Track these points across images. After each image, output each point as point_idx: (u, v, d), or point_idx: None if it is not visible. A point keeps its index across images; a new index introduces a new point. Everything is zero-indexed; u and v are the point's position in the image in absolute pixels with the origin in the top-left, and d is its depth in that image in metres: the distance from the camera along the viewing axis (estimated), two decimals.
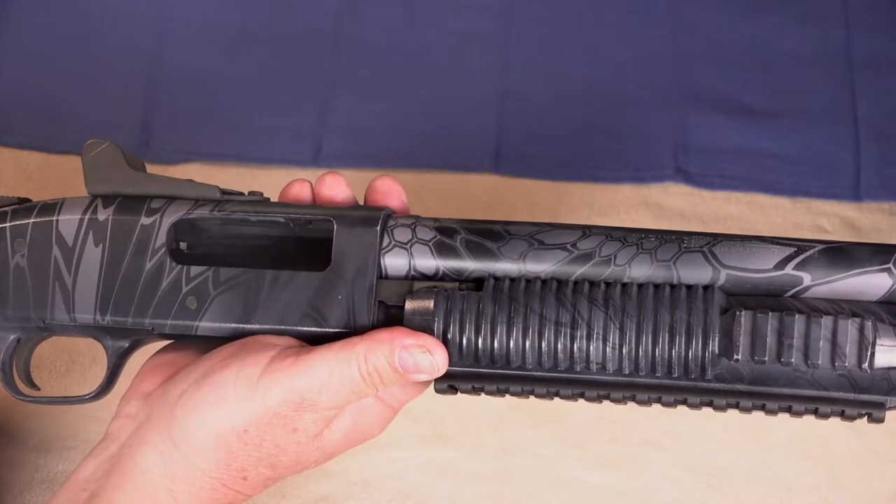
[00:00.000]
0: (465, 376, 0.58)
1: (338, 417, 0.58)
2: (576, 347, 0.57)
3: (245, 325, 0.59)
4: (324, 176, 0.63)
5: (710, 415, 0.74)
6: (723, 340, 0.56)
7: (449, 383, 0.59)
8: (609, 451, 0.75)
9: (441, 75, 0.91)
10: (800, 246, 0.57)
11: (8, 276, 0.61)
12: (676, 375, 0.56)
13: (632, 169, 0.87)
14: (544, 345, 0.57)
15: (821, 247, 0.57)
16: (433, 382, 0.59)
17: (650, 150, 0.88)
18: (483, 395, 0.59)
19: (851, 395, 0.55)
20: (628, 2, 0.93)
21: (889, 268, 0.57)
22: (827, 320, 0.55)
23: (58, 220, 0.61)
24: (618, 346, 0.56)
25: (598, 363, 0.57)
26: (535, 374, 0.57)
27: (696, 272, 0.57)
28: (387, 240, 0.59)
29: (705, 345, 0.56)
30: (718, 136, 0.88)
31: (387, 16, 0.93)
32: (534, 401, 0.71)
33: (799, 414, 0.57)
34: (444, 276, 0.59)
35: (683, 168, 0.87)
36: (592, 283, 0.57)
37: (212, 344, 0.60)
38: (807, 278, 0.57)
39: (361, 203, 0.63)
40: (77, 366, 0.79)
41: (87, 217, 0.61)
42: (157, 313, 0.60)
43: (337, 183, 0.62)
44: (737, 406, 0.57)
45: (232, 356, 0.57)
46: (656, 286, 0.57)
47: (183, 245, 0.63)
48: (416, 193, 0.84)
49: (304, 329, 0.59)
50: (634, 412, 0.75)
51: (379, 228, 0.59)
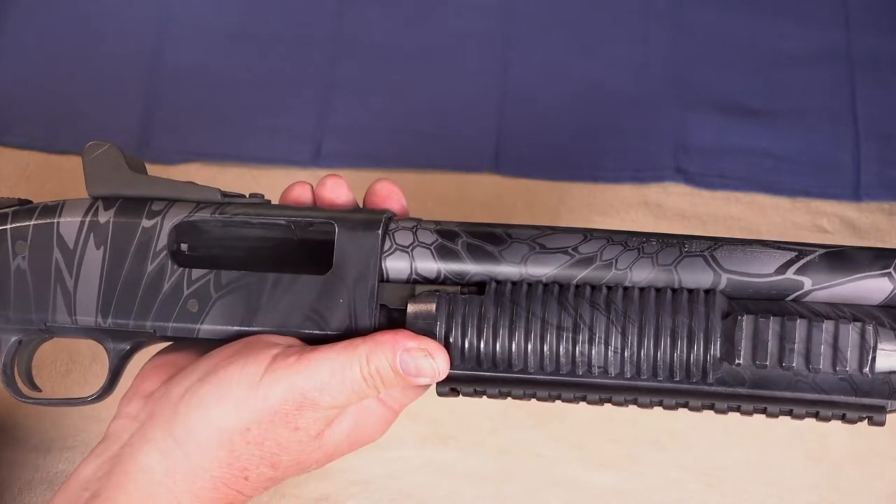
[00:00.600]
0: (466, 380, 0.58)
1: (339, 418, 0.58)
2: (577, 351, 0.57)
3: (247, 328, 0.59)
4: (325, 178, 0.62)
5: (710, 415, 0.74)
6: (724, 344, 0.56)
7: (451, 386, 0.59)
8: (609, 451, 0.75)
9: (441, 75, 0.91)
10: (801, 250, 0.57)
11: (9, 278, 0.61)
12: (678, 379, 0.56)
13: (632, 169, 0.87)
14: (546, 348, 0.57)
15: (822, 251, 0.57)
16: (435, 385, 0.59)
17: (650, 150, 0.88)
18: (485, 397, 0.59)
19: (852, 399, 0.56)
20: (628, 2, 0.93)
21: (890, 272, 0.57)
22: (828, 325, 0.55)
23: (59, 223, 0.61)
24: (619, 350, 0.56)
25: (599, 367, 0.57)
26: (537, 377, 0.57)
27: (697, 276, 0.57)
28: (388, 243, 0.59)
29: (707, 349, 0.56)
30: (718, 136, 0.88)
31: (387, 16, 0.93)
32: (534, 402, 0.71)
33: (800, 417, 0.57)
34: (445, 279, 0.59)
35: (683, 168, 0.87)
36: (594, 287, 0.57)
37: (213, 345, 0.60)
38: (808, 283, 0.57)
39: (361, 206, 0.63)
40: (77, 366, 0.79)
41: (88, 219, 0.61)
42: (158, 316, 0.60)
43: (338, 185, 0.62)
44: (738, 409, 0.57)
45: (235, 354, 0.58)
46: (658, 290, 0.57)
47: (184, 247, 0.63)
48: (416, 194, 0.84)
49: (306, 332, 0.59)
50: (635, 412, 0.75)
51: (380, 232, 0.59)
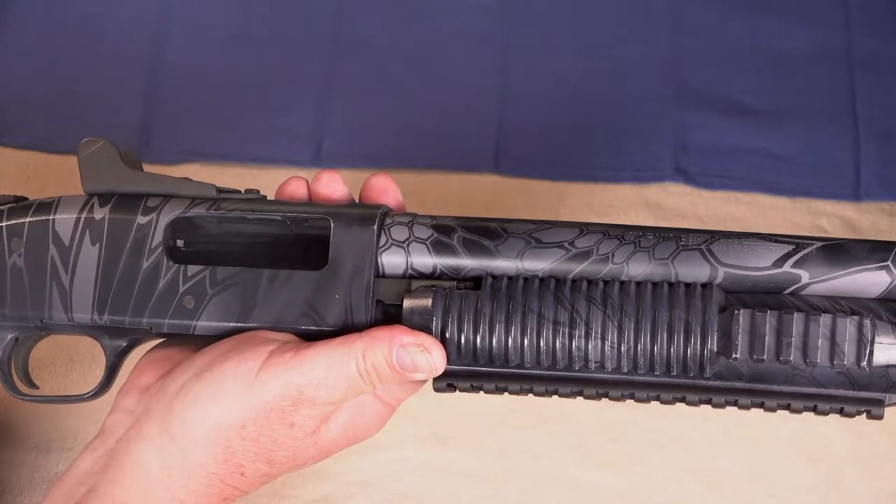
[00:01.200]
0: (463, 375, 0.58)
1: (335, 414, 0.58)
2: (574, 346, 0.56)
3: (243, 325, 0.59)
4: (320, 174, 0.62)
5: (710, 415, 0.74)
6: (721, 339, 0.56)
7: (447, 382, 0.59)
8: (609, 451, 0.75)
9: (441, 75, 0.91)
10: (798, 243, 0.57)
11: (5, 275, 0.61)
12: (675, 373, 0.56)
13: (632, 169, 0.87)
14: (542, 344, 0.57)
15: (819, 244, 0.57)
16: (432, 380, 0.59)
17: (650, 150, 0.88)
18: (482, 392, 0.59)
19: (850, 393, 0.55)
20: (628, 2, 0.93)
21: (888, 265, 0.56)
22: (826, 318, 0.55)
23: (54, 219, 0.61)
24: (616, 345, 0.56)
25: (596, 362, 0.57)
26: (534, 372, 0.57)
27: (694, 270, 0.57)
28: (384, 238, 0.59)
29: (704, 343, 0.56)
30: (718, 136, 0.88)
31: (386, 16, 0.93)
32: (534, 401, 0.71)
33: (798, 411, 0.57)
34: (441, 274, 0.59)
35: (683, 168, 0.87)
36: (591, 282, 0.57)
37: (210, 340, 0.60)
38: (805, 276, 0.57)
39: (358, 201, 0.63)
40: (77, 366, 0.79)
41: (83, 216, 0.61)
42: (154, 312, 0.60)
43: (333, 181, 0.62)
44: (735, 404, 0.57)
45: (231, 350, 0.58)
46: (654, 284, 0.57)
47: (180, 242, 0.63)
48: (416, 193, 0.85)
49: (302, 328, 0.59)
50: (635, 412, 0.75)
51: (376, 227, 0.59)
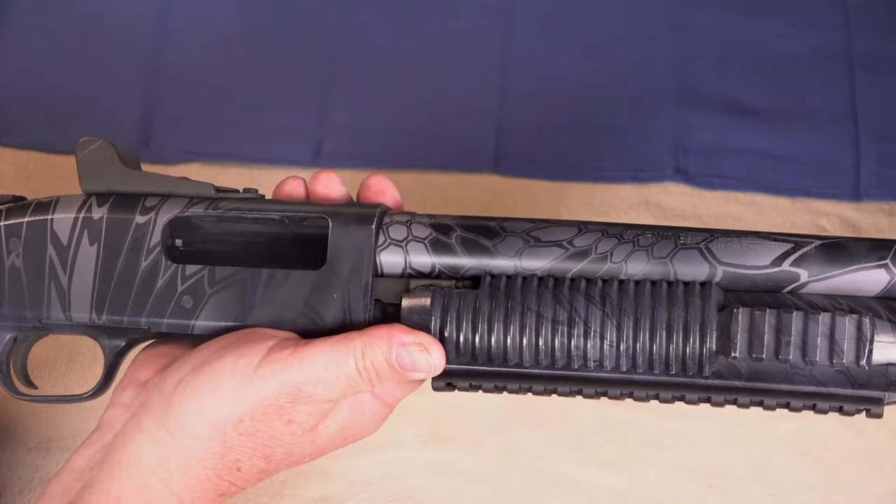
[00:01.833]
0: (462, 374, 0.58)
1: (333, 412, 0.58)
2: (573, 345, 0.56)
3: (241, 324, 0.59)
4: (318, 174, 0.62)
5: (710, 415, 0.74)
6: (720, 337, 0.56)
7: (446, 381, 0.59)
8: (609, 451, 0.75)
9: (441, 75, 0.91)
10: (797, 242, 0.57)
11: (3, 275, 0.61)
12: (674, 372, 0.56)
13: (632, 169, 0.87)
14: (541, 343, 0.57)
15: (818, 243, 0.57)
16: (431, 379, 0.59)
17: (650, 150, 0.88)
18: (481, 392, 0.59)
19: (849, 391, 0.56)
20: (628, 2, 0.93)
21: (887, 263, 0.56)
22: (825, 317, 0.55)
23: (52, 219, 0.61)
24: (615, 344, 0.56)
25: (595, 361, 0.57)
26: (533, 371, 0.57)
27: (692, 269, 0.57)
28: (382, 237, 0.59)
29: (703, 342, 0.56)
30: (718, 136, 0.88)
31: (386, 16, 0.93)
32: (534, 401, 0.71)
33: (797, 410, 0.57)
34: (440, 273, 0.59)
35: (683, 168, 0.87)
36: (589, 281, 0.57)
37: (208, 339, 0.60)
38: (804, 275, 0.57)
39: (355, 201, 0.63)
40: (77, 366, 0.79)
41: (81, 216, 0.61)
42: (153, 312, 0.60)
43: (331, 181, 0.62)
44: (735, 402, 0.57)
45: (230, 345, 0.58)
46: (653, 283, 0.57)
47: (178, 242, 0.63)
48: (416, 193, 0.85)
49: (301, 328, 0.59)
50: (634, 412, 0.75)
51: (374, 226, 0.59)
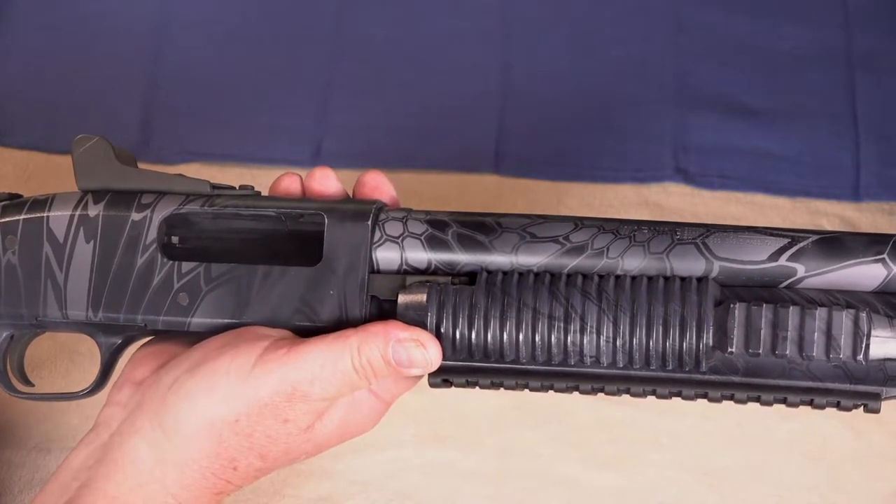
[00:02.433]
0: (458, 370, 0.58)
1: (330, 410, 0.58)
2: (569, 341, 0.56)
3: (237, 321, 0.59)
4: (314, 170, 0.62)
5: (710, 415, 0.74)
6: (717, 333, 0.56)
7: (443, 377, 0.59)
8: (609, 451, 0.75)
9: (441, 75, 0.91)
10: (794, 237, 0.57)
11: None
12: (671, 368, 0.56)
13: (632, 169, 0.87)
14: (538, 338, 0.56)
15: (815, 237, 0.57)
16: (427, 376, 0.59)
17: (650, 150, 0.88)
18: (477, 388, 0.59)
19: (847, 386, 0.55)
20: (628, 2, 0.93)
21: (884, 258, 0.56)
22: (821, 312, 0.55)
23: (48, 217, 0.61)
24: (611, 340, 0.56)
25: (591, 356, 0.56)
26: (529, 367, 0.57)
27: (689, 264, 0.57)
28: (378, 234, 0.59)
29: (699, 337, 0.55)
30: (718, 136, 0.88)
31: (386, 15, 0.93)
32: (534, 401, 0.71)
33: (794, 405, 0.57)
34: (436, 269, 0.59)
35: (683, 168, 0.87)
36: (585, 276, 0.57)
37: (204, 337, 0.60)
38: (801, 269, 0.57)
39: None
40: (77, 366, 0.78)
41: (77, 213, 0.61)
42: (149, 309, 0.60)
43: (326, 177, 0.62)
44: (732, 398, 0.57)
45: (226, 345, 0.57)
46: (650, 278, 0.57)
47: (174, 239, 0.63)
48: (416, 193, 0.84)
49: (297, 324, 0.59)
50: (634, 412, 0.75)
51: (370, 223, 0.59)
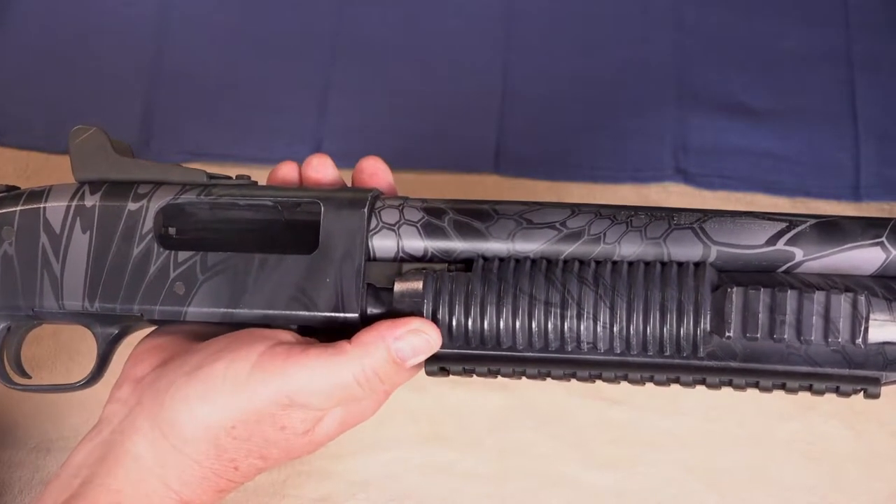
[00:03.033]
0: (455, 358, 0.58)
1: (329, 413, 0.58)
2: (566, 327, 0.56)
3: (233, 310, 0.59)
4: (310, 158, 0.62)
5: (709, 415, 0.74)
6: (714, 318, 0.55)
7: (440, 365, 0.58)
8: (609, 451, 0.75)
9: (441, 75, 0.91)
10: (791, 221, 0.57)
11: None
12: (668, 354, 0.56)
13: (632, 169, 0.87)
14: (534, 325, 0.56)
15: (812, 221, 0.57)
16: (424, 364, 0.58)
17: (650, 150, 0.88)
18: (474, 376, 0.59)
19: (846, 371, 0.55)
20: (628, 2, 0.93)
21: (882, 241, 0.56)
22: (819, 296, 0.54)
23: (45, 208, 0.61)
24: (608, 326, 0.56)
25: (588, 343, 0.56)
26: (526, 354, 0.57)
27: (686, 249, 0.57)
28: (374, 221, 0.59)
29: (697, 322, 0.55)
30: (718, 136, 0.88)
31: (386, 16, 0.93)
32: (533, 401, 0.71)
33: (793, 391, 0.56)
34: (432, 257, 0.59)
35: (683, 168, 0.87)
36: (582, 262, 0.57)
37: (201, 326, 0.60)
38: (799, 253, 0.56)
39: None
40: (77, 365, 0.78)
41: (74, 204, 0.61)
42: (145, 299, 0.60)
43: (323, 164, 0.62)
44: (730, 384, 0.56)
45: (224, 349, 0.57)
46: (647, 264, 0.56)
47: (172, 230, 0.63)
48: (416, 193, 0.84)
49: (293, 313, 0.59)
50: (634, 412, 0.75)
51: (366, 210, 0.59)
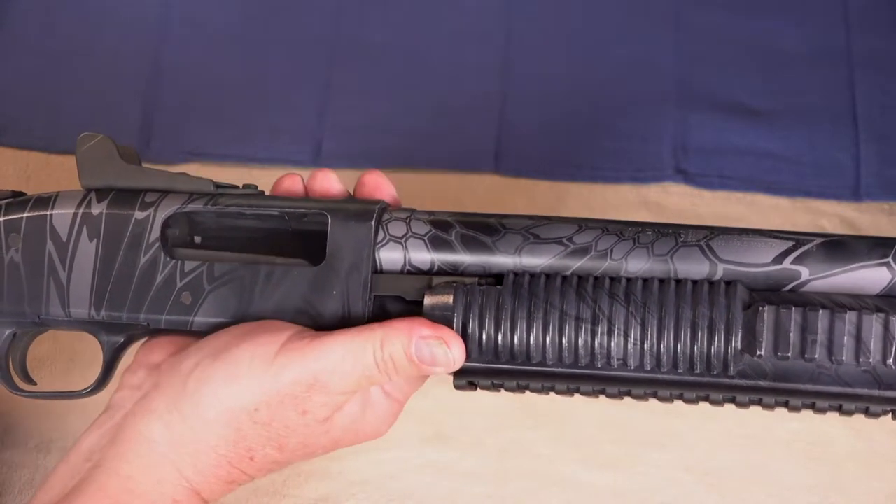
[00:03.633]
0: (484, 372, 0.57)
1: (347, 404, 0.58)
2: (597, 343, 0.56)
3: (240, 321, 0.59)
4: (315, 172, 0.63)
5: (710, 415, 0.74)
6: (746, 336, 0.55)
7: (468, 379, 0.58)
8: (609, 452, 0.75)
9: (441, 75, 0.91)
10: (798, 240, 0.57)
11: (2, 271, 0.61)
12: (699, 372, 0.55)
13: (632, 169, 0.87)
14: (565, 341, 0.56)
15: (819, 240, 0.57)
16: (452, 378, 0.58)
17: (650, 150, 0.88)
18: (503, 391, 0.58)
19: (876, 392, 0.55)
20: (628, 2, 0.93)
21: (888, 262, 0.56)
22: (851, 315, 0.54)
23: (52, 215, 0.61)
24: (639, 342, 0.55)
25: (619, 359, 0.56)
26: (556, 370, 0.56)
27: (693, 266, 0.57)
28: (381, 234, 0.59)
29: (728, 341, 0.55)
30: (718, 136, 0.88)
31: (387, 15, 0.93)
32: (534, 401, 0.70)
33: (823, 411, 0.56)
34: (439, 270, 0.59)
35: (683, 168, 0.87)
36: (613, 279, 0.57)
37: (207, 334, 0.60)
38: (805, 272, 0.57)
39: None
40: (77, 366, 0.79)
41: (80, 211, 0.61)
42: (152, 308, 0.60)
43: (328, 179, 0.62)
44: (760, 403, 0.56)
45: (248, 333, 0.57)
46: (678, 281, 0.56)
47: (198, 239, 0.63)
48: (416, 193, 0.84)
49: (299, 325, 0.59)
50: (635, 412, 0.75)
51: (374, 223, 0.59)
